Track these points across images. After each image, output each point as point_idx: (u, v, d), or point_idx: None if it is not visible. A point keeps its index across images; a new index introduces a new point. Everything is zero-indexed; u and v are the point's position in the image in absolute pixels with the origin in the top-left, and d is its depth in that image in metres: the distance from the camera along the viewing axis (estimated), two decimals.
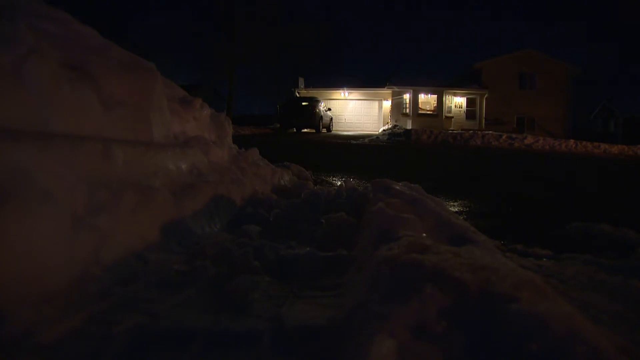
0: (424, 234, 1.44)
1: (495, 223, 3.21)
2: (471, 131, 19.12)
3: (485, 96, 24.53)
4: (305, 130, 18.34)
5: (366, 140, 15.07)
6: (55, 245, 1.26)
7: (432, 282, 0.95)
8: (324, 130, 18.87)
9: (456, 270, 0.98)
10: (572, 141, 17.30)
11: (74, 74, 1.65)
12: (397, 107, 24.97)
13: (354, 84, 25.91)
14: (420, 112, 24.44)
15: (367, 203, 2.28)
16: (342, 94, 25.96)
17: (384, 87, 25.11)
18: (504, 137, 16.67)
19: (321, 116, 17.86)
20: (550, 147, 16.07)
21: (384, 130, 21.33)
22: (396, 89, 24.53)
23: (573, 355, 0.72)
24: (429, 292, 0.93)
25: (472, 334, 0.83)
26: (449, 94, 24.74)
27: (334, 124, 21.47)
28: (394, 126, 22.22)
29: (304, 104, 18.22)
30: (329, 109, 20.62)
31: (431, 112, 24.65)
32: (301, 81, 26.17)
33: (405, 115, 24.45)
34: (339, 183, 4.84)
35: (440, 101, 24.47)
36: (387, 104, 25.88)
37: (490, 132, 18.25)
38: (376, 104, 26.40)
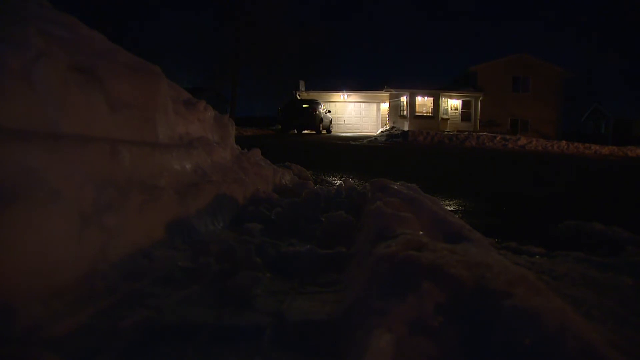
0: (421, 232, 1.47)
1: (489, 221, 3.25)
2: (466, 132, 19.15)
3: (480, 99, 24.70)
4: (306, 131, 18.36)
5: (365, 141, 15.08)
6: (64, 242, 1.27)
7: (428, 278, 0.98)
8: (324, 132, 18.90)
9: (452, 267, 1.01)
10: (564, 142, 17.37)
11: (82, 77, 1.68)
12: (394, 109, 25.06)
13: (353, 87, 25.92)
14: (417, 114, 24.65)
15: (366, 202, 2.31)
16: (342, 97, 25.98)
17: (382, 89, 25.20)
18: (498, 138, 16.70)
19: (321, 118, 17.89)
20: (542, 148, 16.11)
21: (382, 131, 21.35)
22: (394, 92, 24.66)
23: (565, 349, 0.75)
24: (426, 288, 0.95)
25: (468, 329, 0.86)
26: (445, 96, 24.95)
27: (333, 125, 21.50)
28: (392, 128, 22.25)
29: (304, 106, 18.26)
30: (329, 111, 20.64)
31: (428, 114, 24.85)
32: (302, 84, 26.17)
33: (403, 117, 24.62)
34: (338, 182, 4.87)
35: (436, 103, 24.68)
36: (385, 106, 25.93)
37: (485, 133, 18.28)
38: (374, 106, 26.43)
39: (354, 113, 26.28)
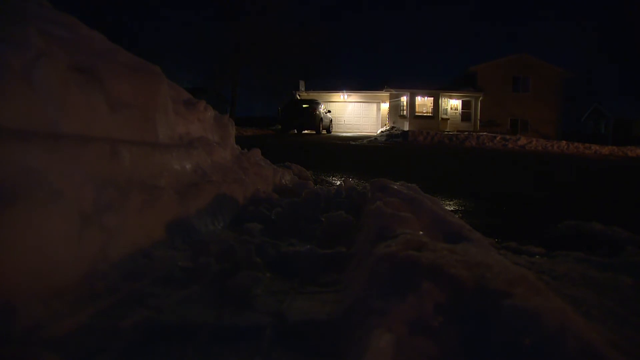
0: (421, 232, 1.47)
1: (489, 221, 3.25)
2: (466, 132, 19.18)
3: (480, 99, 24.77)
4: (306, 131, 18.41)
5: (365, 141, 15.10)
6: (65, 242, 1.28)
7: (428, 278, 0.98)
8: (324, 132, 18.94)
9: (452, 267, 1.01)
10: (564, 142, 17.41)
11: (82, 77, 1.68)
12: (394, 109, 25.11)
13: (353, 87, 25.95)
14: (417, 114, 24.73)
15: (366, 202, 2.31)
16: (342, 97, 26.02)
17: (382, 89, 25.24)
18: (498, 138, 16.71)
19: (321, 118, 17.94)
20: (542, 148, 16.13)
21: (382, 131, 21.39)
22: (394, 92, 24.71)
23: (565, 349, 0.75)
24: (426, 288, 0.95)
25: (468, 328, 0.86)
26: (445, 96, 25.02)
27: (333, 125, 21.55)
28: (392, 128, 22.29)
29: (304, 106, 18.32)
30: (329, 111, 20.69)
31: (428, 114, 24.93)
32: (302, 84, 26.21)
33: (403, 117, 24.69)
34: (338, 183, 4.88)
35: (436, 103, 24.76)
36: (385, 106, 25.98)
37: (485, 133, 18.31)
38: (374, 106, 26.47)
39: (354, 113, 26.32)
